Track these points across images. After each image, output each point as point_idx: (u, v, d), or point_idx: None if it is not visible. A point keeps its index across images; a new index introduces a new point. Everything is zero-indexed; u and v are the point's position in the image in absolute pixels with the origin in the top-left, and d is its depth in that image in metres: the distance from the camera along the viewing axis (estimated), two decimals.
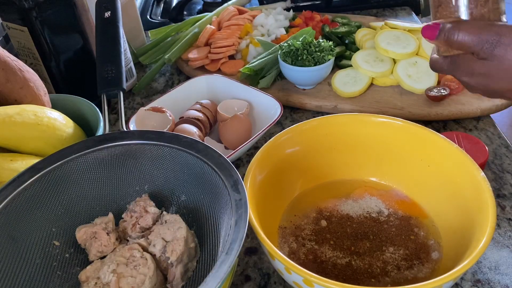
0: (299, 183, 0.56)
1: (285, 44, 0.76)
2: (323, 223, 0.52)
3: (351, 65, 0.79)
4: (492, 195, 0.43)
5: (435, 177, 0.51)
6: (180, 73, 0.89)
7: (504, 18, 0.43)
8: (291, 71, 0.75)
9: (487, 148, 0.59)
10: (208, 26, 0.89)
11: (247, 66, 0.78)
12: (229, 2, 0.99)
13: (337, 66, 0.81)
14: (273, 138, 0.53)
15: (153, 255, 0.46)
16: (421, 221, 0.52)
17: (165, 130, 0.62)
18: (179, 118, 0.68)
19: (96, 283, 0.45)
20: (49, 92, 0.63)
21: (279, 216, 0.53)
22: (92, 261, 0.48)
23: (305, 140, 0.55)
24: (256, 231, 0.43)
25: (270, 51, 0.81)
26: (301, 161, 0.55)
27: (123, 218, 0.51)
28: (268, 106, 0.66)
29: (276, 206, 0.53)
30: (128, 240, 0.49)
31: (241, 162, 0.67)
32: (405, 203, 0.54)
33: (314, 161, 0.56)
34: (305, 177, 0.56)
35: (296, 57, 0.73)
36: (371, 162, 0.56)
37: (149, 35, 0.95)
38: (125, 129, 0.55)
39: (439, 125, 0.70)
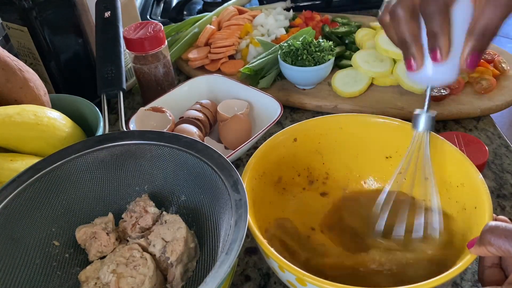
0: (297, 183, 0.56)
1: (285, 44, 0.76)
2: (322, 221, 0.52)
3: (351, 65, 0.79)
4: (489, 197, 0.43)
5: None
6: (180, 73, 0.89)
7: None
8: (291, 71, 0.75)
9: (487, 148, 0.59)
10: (208, 26, 0.89)
11: (247, 66, 0.78)
12: (229, 2, 0.99)
13: (337, 66, 0.81)
14: (270, 138, 0.53)
15: (153, 255, 0.46)
16: None
17: (165, 130, 0.62)
18: (179, 118, 0.68)
19: (96, 283, 0.45)
20: (49, 92, 0.63)
21: (278, 215, 0.53)
22: (92, 261, 0.48)
23: (304, 140, 0.55)
24: (252, 230, 0.42)
25: (270, 51, 0.81)
26: (300, 161, 0.55)
27: (123, 218, 0.51)
28: (268, 106, 0.66)
29: (274, 206, 0.53)
30: (128, 240, 0.49)
31: (241, 162, 0.67)
32: None
33: (313, 161, 0.56)
34: (303, 177, 0.56)
35: (296, 57, 0.73)
36: (370, 162, 0.56)
37: None
38: (125, 129, 0.55)
39: (439, 125, 0.70)
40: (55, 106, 0.62)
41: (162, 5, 1.15)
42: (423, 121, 0.46)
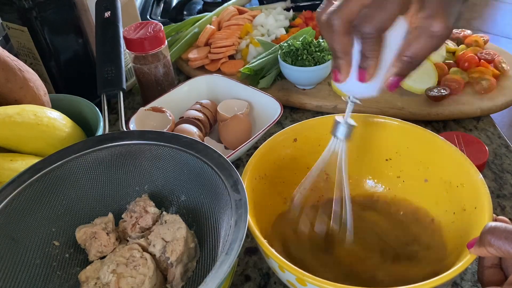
0: (296, 183, 0.56)
1: (285, 44, 0.76)
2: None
3: None
4: (489, 197, 0.43)
5: (433, 178, 0.51)
6: (180, 73, 0.89)
7: None
8: (291, 71, 0.75)
9: (487, 148, 0.59)
10: (208, 26, 0.89)
11: (247, 66, 0.78)
12: (229, 2, 0.99)
13: None
14: (270, 138, 0.52)
15: (153, 255, 0.46)
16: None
17: (165, 130, 0.62)
18: (179, 118, 0.68)
19: (96, 283, 0.45)
20: (49, 92, 0.63)
21: (277, 215, 0.53)
22: (92, 261, 0.48)
23: (304, 141, 0.55)
24: (252, 230, 0.42)
25: (270, 51, 0.81)
26: (299, 161, 0.55)
27: (123, 218, 0.51)
28: (268, 106, 0.66)
29: (274, 207, 0.53)
30: (128, 240, 0.49)
31: (241, 162, 0.67)
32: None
33: (313, 161, 0.56)
34: (303, 177, 0.56)
35: (296, 57, 0.73)
36: (370, 163, 0.56)
37: None
38: (125, 129, 0.55)
39: (439, 125, 0.70)
40: (55, 106, 0.62)
41: (162, 5, 1.15)
42: (343, 129, 0.46)
